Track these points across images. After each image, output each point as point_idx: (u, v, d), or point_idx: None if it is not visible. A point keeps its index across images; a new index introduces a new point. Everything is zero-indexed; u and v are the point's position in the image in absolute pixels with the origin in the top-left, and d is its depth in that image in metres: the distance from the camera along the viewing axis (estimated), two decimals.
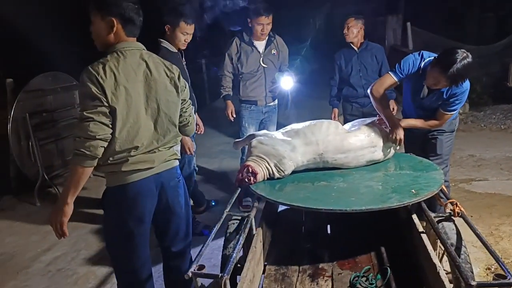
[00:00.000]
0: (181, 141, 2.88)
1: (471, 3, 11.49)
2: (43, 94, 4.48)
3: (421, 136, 2.80)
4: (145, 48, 1.80)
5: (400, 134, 2.32)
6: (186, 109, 1.96)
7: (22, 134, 4.19)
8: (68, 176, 1.66)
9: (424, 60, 2.42)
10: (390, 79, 2.50)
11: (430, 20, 10.37)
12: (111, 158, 1.67)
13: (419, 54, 2.47)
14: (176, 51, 2.91)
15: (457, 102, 2.45)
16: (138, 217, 1.78)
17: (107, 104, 1.59)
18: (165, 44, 2.85)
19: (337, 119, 3.71)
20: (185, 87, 1.94)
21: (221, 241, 1.93)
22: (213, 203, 3.73)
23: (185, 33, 2.82)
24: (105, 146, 1.62)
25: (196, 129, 3.32)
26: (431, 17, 10.60)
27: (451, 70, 2.15)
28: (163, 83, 1.79)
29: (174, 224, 1.96)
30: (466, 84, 2.40)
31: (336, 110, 3.81)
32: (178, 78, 1.87)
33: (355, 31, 3.52)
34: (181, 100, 1.90)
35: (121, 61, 1.66)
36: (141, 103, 1.71)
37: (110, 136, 1.62)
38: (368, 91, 2.53)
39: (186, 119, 1.97)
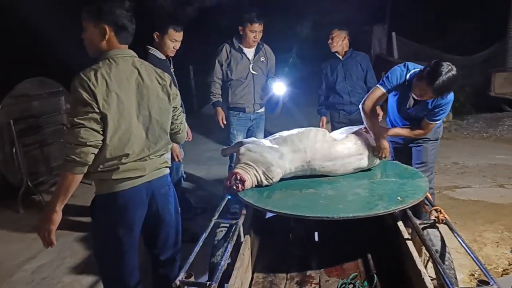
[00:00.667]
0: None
1: (454, 14, 11.79)
2: (28, 100, 4.42)
3: (406, 144, 2.86)
4: (137, 56, 1.80)
5: (386, 149, 2.36)
6: (178, 116, 1.96)
7: (6, 140, 4.11)
8: (57, 183, 1.63)
9: (409, 72, 2.47)
10: (380, 92, 2.54)
11: (415, 30, 10.60)
12: (101, 166, 1.65)
13: (404, 65, 2.52)
14: (165, 58, 2.91)
15: (441, 112, 2.51)
16: (128, 225, 1.76)
17: (98, 111, 1.58)
18: (153, 51, 2.85)
19: (324, 127, 3.75)
20: (177, 95, 1.94)
21: (209, 249, 1.93)
22: (200, 211, 3.71)
23: (174, 40, 2.83)
24: (96, 153, 1.60)
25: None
26: (416, 27, 10.84)
27: (437, 82, 2.21)
28: (155, 91, 1.78)
29: (164, 232, 1.94)
30: (451, 95, 2.46)
31: (324, 118, 3.87)
32: (170, 85, 1.87)
33: (339, 41, 3.63)
34: (173, 107, 1.90)
35: (113, 68, 1.66)
36: (133, 110, 1.70)
37: (101, 142, 1.61)
38: (360, 106, 2.56)
39: (178, 126, 1.97)
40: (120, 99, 1.64)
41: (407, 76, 2.47)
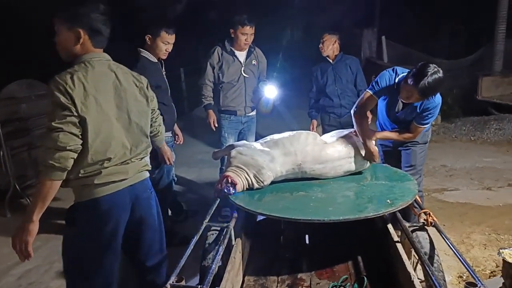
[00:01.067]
0: (160, 150, 2.86)
1: (442, 18, 11.99)
2: (16, 102, 4.37)
3: (396, 147, 2.89)
4: (111, 59, 1.76)
5: (374, 154, 2.36)
6: (156, 119, 1.95)
7: None
8: (35, 191, 1.59)
9: (398, 76, 2.50)
10: (368, 95, 2.57)
11: (404, 34, 10.75)
12: (82, 171, 1.61)
13: (393, 70, 2.55)
14: (156, 61, 2.90)
15: (430, 116, 2.54)
16: (111, 231, 1.72)
17: (76, 114, 1.55)
18: (145, 54, 2.84)
19: (315, 130, 3.78)
20: (154, 97, 1.92)
21: (200, 252, 1.92)
22: (191, 213, 3.70)
23: (166, 42, 2.82)
24: (75, 158, 1.56)
25: (175, 139, 3.31)
26: (405, 31, 10.99)
27: (422, 82, 2.23)
28: (133, 94, 1.77)
29: (148, 237, 1.91)
30: (438, 99, 2.50)
31: (314, 121, 3.90)
32: (147, 88, 1.85)
33: (329, 45, 3.67)
34: (151, 109, 1.88)
35: (90, 71, 1.63)
36: (112, 113, 1.67)
37: (80, 147, 1.57)
38: (352, 112, 2.59)
39: (156, 128, 1.96)
40: (98, 102, 1.61)
41: (396, 80, 2.50)
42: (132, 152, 1.75)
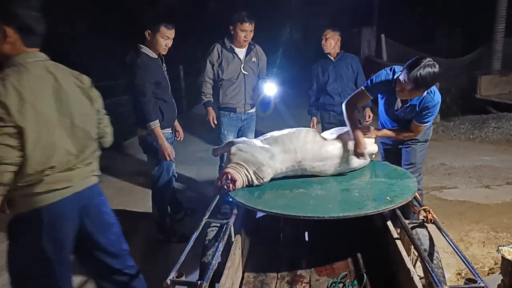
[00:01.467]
0: (160, 147, 2.85)
1: (442, 17, 12.00)
2: None
3: (396, 145, 2.89)
4: (49, 58, 1.65)
5: (362, 149, 2.30)
6: (102, 120, 1.84)
7: None
8: None
9: (396, 74, 2.50)
10: (361, 91, 2.59)
11: (403, 32, 10.76)
12: (22, 181, 1.51)
13: (390, 69, 2.54)
14: (157, 57, 2.89)
15: (429, 114, 2.54)
16: (58, 243, 1.63)
17: (13, 124, 1.44)
18: (145, 50, 2.83)
19: (315, 127, 3.77)
20: (99, 97, 1.81)
21: (199, 248, 1.92)
22: (190, 211, 3.70)
23: (166, 37, 2.81)
24: (15, 171, 1.46)
25: (176, 136, 3.31)
26: (404, 30, 11.01)
27: (414, 72, 2.20)
28: (74, 95, 1.66)
29: (104, 242, 1.81)
30: (438, 97, 2.50)
31: (314, 118, 3.89)
32: (90, 87, 1.75)
33: (332, 42, 3.65)
34: (96, 111, 1.79)
35: (24, 75, 1.51)
36: (53, 119, 1.57)
37: (20, 159, 1.47)
38: (343, 105, 2.60)
39: (103, 130, 1.85)
40: (36, 109, 1.50)
41: (394, 78, 2.50)
42: (77, 158, 1.66)
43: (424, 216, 1.90)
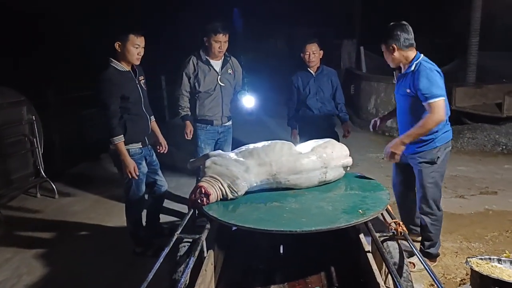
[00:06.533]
0: (122, 163, 2.80)
1: (419, 31, 12.32)
2: None
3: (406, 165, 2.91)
4: None
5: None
6: None
7: None
8: None
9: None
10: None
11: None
12: None
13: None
14: (128, 69, 2.86)
15: (425, 82, 2.51)
16: None
17: None
18: (115, 63, 2.80)
19: (297, 139, 3.79)
20: None
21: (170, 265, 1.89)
22: (167, 226, 3.61)
23: (137, 45, 2.78)
24: None
25: (159, 148, 3.27)
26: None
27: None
28: None
29: None
30: (429, 65, 2.62)
31: (295, 131, 3.91)
32: None
33: (318, 58, 3.68)
34: None
35: None
36: None
37: None
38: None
39: None
40: None
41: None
42: None
43: (394, 229, 1.92)
